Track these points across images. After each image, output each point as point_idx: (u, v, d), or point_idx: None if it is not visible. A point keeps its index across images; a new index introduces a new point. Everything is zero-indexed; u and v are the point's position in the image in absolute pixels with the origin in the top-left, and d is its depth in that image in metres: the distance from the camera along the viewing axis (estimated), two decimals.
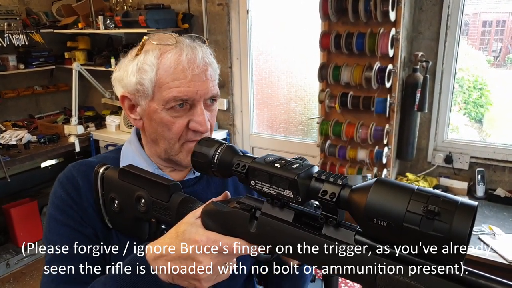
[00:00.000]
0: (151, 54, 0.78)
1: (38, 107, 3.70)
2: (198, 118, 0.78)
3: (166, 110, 0.77)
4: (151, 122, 0.80)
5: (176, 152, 0.81)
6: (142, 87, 0.78)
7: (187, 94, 0.76)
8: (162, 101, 0.77)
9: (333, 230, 0.51)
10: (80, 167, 0.83)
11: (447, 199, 0.43)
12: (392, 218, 0.44)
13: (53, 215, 0.80)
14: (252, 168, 0.55)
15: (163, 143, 0.81)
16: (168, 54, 0.77)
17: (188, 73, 0.76)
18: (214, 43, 3.06)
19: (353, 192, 0.49)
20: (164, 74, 0.76)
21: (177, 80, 0.76)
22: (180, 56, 0.77)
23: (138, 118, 0.83)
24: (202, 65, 0.77)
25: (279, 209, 0.55)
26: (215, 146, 0.60)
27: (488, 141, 2.48)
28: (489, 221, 2.00)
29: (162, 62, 0.77)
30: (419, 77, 2.21)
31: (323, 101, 2.37)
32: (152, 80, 0.77)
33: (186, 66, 0.76)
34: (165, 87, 0.76)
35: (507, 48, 2.64)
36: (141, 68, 0.78)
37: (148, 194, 0.70)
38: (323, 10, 2.21)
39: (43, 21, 3.42)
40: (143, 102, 0.80)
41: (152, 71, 0.77)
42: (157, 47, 0.78)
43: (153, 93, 0.78)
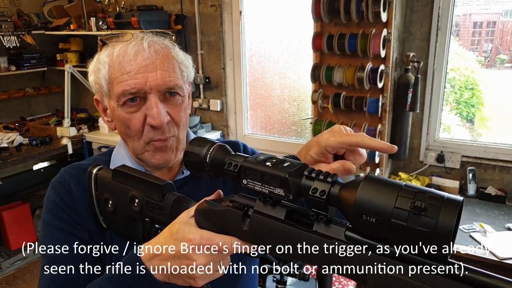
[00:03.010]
0: (104, 52, 0.78)
1: (30, 109, 3.67)
2: (151, 111, 0.75)
3: (121, 107, 0.76)
4: (116, 121, 0.80)
5: (142, 151, 0.80)
6: (99, 86, 0.78)
7: (135, 86, 0.74)
8: (115, 97, 0.76)
9: (324, 227, 0.52)
10: (72, 171, 0.83)
11: (434, 194, 0.44)
12: (381, 214, 0.45)
13: (47, 220, 0.79)
14: (243, 167, 0.56)
15: (129, 141, 0.80)
16: (116, 48, 0.76)
17: (135, 65, 0.74)
18: (207, 44, 3.06)
19: (342, 189, 0.50)
20: (113, 69, 0.76)
21: (125, 74, 0.74)
22: (126, 48, 0.75)
23: (110, 120, 0.83)
24: (153, 56, 0.75)
25: (271, 207, 0.56)
26: (207, 146, 0.61)
27: (479, 141, 2.51)
28: (480, 219, 2.02)
29: (112, 58, 0.76)
30: (410, 77, 2.24)
31: (316, 102, 2.39)
32: (105, 77, 0.77)
33: (132, 58, 0.74)
34: (115, 82, 0.76)
35: (498, 49, 2.68)
36: (96, 67, 0.78)
37: (141, 194, 0.70)
38: (316, 11, 2.22)
39: (35, 23, 3.40)
40: (106, 102, 0.80)
41: (104, 69, 0.77)
42: (111, 45, 0.78)
43: (109, 90, 0.78)
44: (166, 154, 0.80)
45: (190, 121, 3.07)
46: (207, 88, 3.18)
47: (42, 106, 3.75)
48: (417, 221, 0.43)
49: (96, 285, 0.66)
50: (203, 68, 3.12)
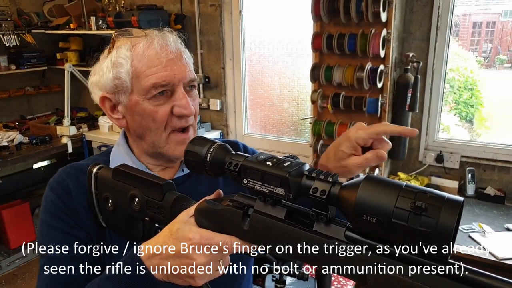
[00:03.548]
0: (123, 47, 0.78)
1: (30, 108, 3.67)
2: (181, 102, 0.77)
3: (148, 100, 0.77)
4: (134, 116, 0.80)
5: (164, 144, 0.80)
6: (120, 81, 0.78)
7: (165, 79, 0.75)
8: (142, 91, 0.77)
9: (324, 227, 0.52)
10: (70, 170, 0.83)
11: (434, 195, 0.44)
12: (381, 214, 0.45)
13: (45, 221, 0.79)
14: (244, 166, 0.56)
15: (150, 135, 0.80)
16: (140, 43, 0.77)
17: (163, 58, 0.76)
18: (207, 43, 3.06)
19: (343, 189, 0.50)
20: (139, 63, 0.76)
21: (154, 67, 0.75)
22: (151, 43, 0.77)
23: (121, 117, 0.82)
24: (176, 50, 0.77)
25: (271, 206, 0.56)
26: (207, 145, 0.61)
27: (478, 141, 2.51)
28: (479, 219, 2.03)
29: (135, 52, 0.77)
30: (410, 77, 2.24)
31: (316, 102, 2.39)
32: (128, 71, 0.77)
33: (160, 51, 0.76)
34: (142, 75, 0.76)
35: (497, 49, 2.68)
36: (116, 62, 0.77)
37: (141, 193, 0.70)
38: (315, 11, 2.22)
39: (35, 22, 3.39)
40: (123, 97, 0.80)
41: (127, 63, 0.76)
42: (127, 40, 0.78)
43: (131, 85, 0.78)
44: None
45: None
46: (206, 88, 3.17)
47: (42, 105, 3.74)
48: (418, 221, 0.43)
49: (96, 285, 0.66)
50: (203, 67, 3.12)
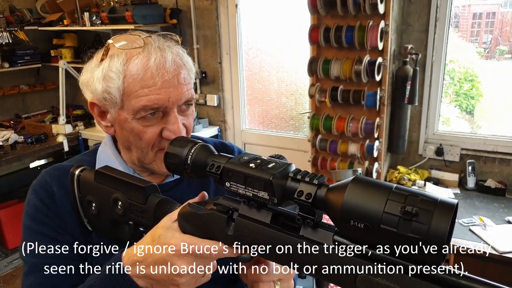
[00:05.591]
0: (117, 60, 0.72)
1: (25, 106, 3.63)
2: (172, 127, 0.73)
3: (136, 120, 0.73)
4: (123, 130, 0.76)
5: (150, 161, 0.77)
6: (109, 95, 0.73)
7: (158, 102, 0.71)
8: (131, 110, 0.72)
9: (311, 231, 0.49)
10: (53, 172, 0.80)
11: (426, 198, 0.41)
12: (369, 220, 0.42)
13: (28, 225, 0.76)
14: (226, 169, 0.53)
15: (136, 151, 0.77)
16: (135, 60, 0.71)
17: (158, 79, 0.70)
18: (203, 38, 3.02)
19: (329, 192, 0.47)
20: (132, 81, 0.71)
21: (146, 88, 0.70)
22: (148, 61, 0.71)
23: (109, 125, 0.79)
24: (173, 69, 0.72)
25: (256, 210, 0.53)
26: (188, 146, 0.58)
27: (478, 133, 2.48)
28: (480, 213, 2.00)
29: (129, 68, 0.71)
30: (409, 69, 2.20)
31: (313, 96, 2.35)
32: (119, 88, 0.72)
33: (155, 72, 0.70)
34: (133, 95, 0.71)
35: (497, 40, 2.64)
36: (107, 75, 0.72)
37: (124, 197, 0.68)
38: (312, 3, 2.18)
39: (27, 18, 3.35)
40: (112, 110, 0.75)
41: (119, 79, 0.72)
42: (123, 51, 0.73)
43: (121, 101, 0.73)
44: None
45: None
46: (203, 83, 3.14)
47: (37, 103, 3.71)
48: (408, 227, 0.40)
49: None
50: (199, 62, 3.08)
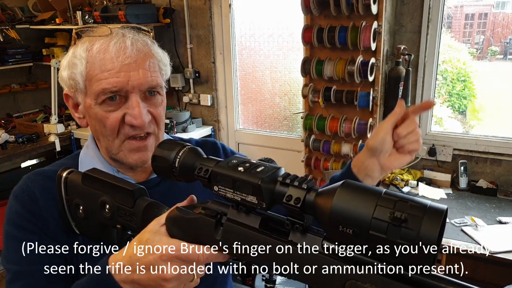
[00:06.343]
0: (81, 47, 0.74)
1: (16, 105, 3.59)
2: (132, 111, 0.72)
3: (99, 105, 0.73)
4: (90, 119, 0.77)
5: (116, 150, 0.77)
6: (74, 82, 0.75)
7: (116, 85, 0.71)
8: (93, 94, 0.73)
9: (300, 236, 0.49)
10: (35, 177, 0.78)
11: (415, 203, 0.41)
12: (358, 225, 0.41)
13: (11, 233, 0.74)
14: (214, 172, 0.52)
15: (103, 140, 0.77)
16: (96, 45, 0.73)
17: (117, 63, 0.71)
18: (197, 38, 3.01)
19: (318, 197, 0.46)
20: (92, 66, 0.72)
21: (106, 72, 0.71)
22: (108, 45, 0.72)
23: (81, 117, 0.79)
24: (135, 54, 0.72)
25: (245, 214, 0.53)
26: (176, 149, 0.57)
27: (470, 133, 2.49)
28: (472, 213, 2.01)
29: (90, 53, 0.73)
30: (401, 70, 2.20)
31: (307, 96, 2.35)
32: (82, 73, 0.73)
33: (114, 55, 0.71)
34: (94, 79, 0.72)
35: (489, 41, 2.66)
36: (71, 62, 0.74)
37: (112, 200, 0.67)
38: (305, 3, 2.18)
39: (19, 17, 3.31)
40: (80, 98, 0.76)
41: (81, 64, 0.73)
42: (87, 39, 0.74)
43: (85, 87, 0.74)
44: (145, 153, 0.77)
45: (181, 116, 3.03)
46: (197, 83, 3.12)
47: (29, 102, 3.66)
48: (397, 233, 0.40)
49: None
50: (193, 62, 3.07)
